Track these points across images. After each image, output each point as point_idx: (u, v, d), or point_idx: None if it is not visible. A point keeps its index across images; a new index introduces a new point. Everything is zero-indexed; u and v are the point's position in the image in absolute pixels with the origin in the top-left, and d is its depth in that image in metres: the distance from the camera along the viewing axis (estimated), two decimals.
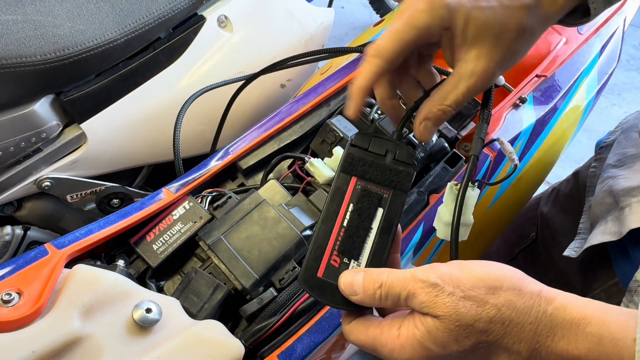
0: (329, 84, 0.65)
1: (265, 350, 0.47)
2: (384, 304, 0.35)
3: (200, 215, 0.54)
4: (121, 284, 0.42)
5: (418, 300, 0.34)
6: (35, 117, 0.68)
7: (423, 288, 0.33)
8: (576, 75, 0.73)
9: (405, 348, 0.34)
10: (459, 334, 0.33)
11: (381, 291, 0.35)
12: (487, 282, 0.33)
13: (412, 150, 0.41)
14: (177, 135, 0.68)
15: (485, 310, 0.32)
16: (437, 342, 0.33)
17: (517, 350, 0.33)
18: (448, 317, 0.32)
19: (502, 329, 0.32)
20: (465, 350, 0.33)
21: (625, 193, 0.57)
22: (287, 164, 0.61)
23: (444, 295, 0.33)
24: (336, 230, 0.39)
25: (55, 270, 0.41)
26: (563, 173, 2.09)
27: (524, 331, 0.32)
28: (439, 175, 0.59)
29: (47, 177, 0.74)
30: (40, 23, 0.66)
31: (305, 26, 0.91)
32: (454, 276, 0.34)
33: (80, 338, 0.38)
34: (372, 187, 0.39)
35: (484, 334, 0.33)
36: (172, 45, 0.78)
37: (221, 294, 0.49)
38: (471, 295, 0.33)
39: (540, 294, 0.33)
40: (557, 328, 0.32)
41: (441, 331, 0.33)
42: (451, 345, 0.33)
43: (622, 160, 0.62)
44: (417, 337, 0.34)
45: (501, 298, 0.33)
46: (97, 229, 0.48)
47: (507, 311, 0.32)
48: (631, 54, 2.43)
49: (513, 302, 0.33)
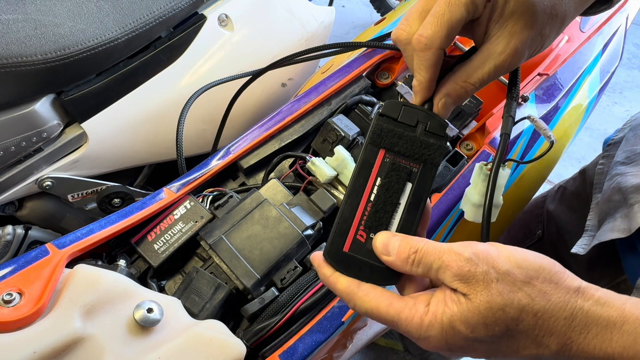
0: (330, 83, 0.65)
1: (267, 350, 0.47)
2: (414, 270, 0.34)
3: (202, 215, 0.54)
4: (122, 283, 0.42)
5: (450, 272, 0.32)
6: (36, 116, 0.68)
7: (457, 261, 0.32)
8: (578, 74, 0.73)
9: (434, 325, 0.33)
10: (488, 318, 0.31)
11: (415, 256, 0.34)
12: (524, 269, 0.32)
13: (444, 121, 0.38)
14: (180, 131, 0.68)
15: (517, 298, 0.31)
16: (467, 323, 0.32)
17: (546, 344, 0.31)
18: (479, 297, 0.31)
19: (533, 320, 0.31)
20: (492, 336, 0.32)
21: (634, 190, 0.57)
22: (288, 163, 0.61)
23: (478, 273, 0.32)
24: (363, 205, 0.37)
25: (56, 270, 0.41)
26: (565, 172, 2.08)
27: (556, 325, 0.31)
28: (440, 174, 0.59)
29: (48, 177, 0.74)
30: (40, 22, 0.66)
31: (306, 25, 0.90)
32: (490, 256, 0.32)
33: (82, 338, 0.38)
34: (401, 160, 0.37)
35: (514, 322, 0.31)
36: (173, 44, 0.78)
37: (222, 293, 0.48)
38: (506, 279, 0.32)
39: (578, 289, 0.32)
40: (592, 325, 0.31)
41: (472, 312, 0.32)
42: (480, 329, 0.32)
43: (631, 157, 0.62)
44: (448, 316, 0.32)
45: (536, 288, 0.32)
46: (98, 228, 0.47)
47: (540, 302, 0.31)
48: (633, 52, 2.42)
49: (548, 294, 0.32)
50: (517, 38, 0.37)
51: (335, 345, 0.58)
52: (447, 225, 0.60)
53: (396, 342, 1.45)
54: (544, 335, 0.31)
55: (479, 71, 0.38)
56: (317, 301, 0.50)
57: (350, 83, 0.65)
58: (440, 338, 0.33)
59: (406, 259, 0.34)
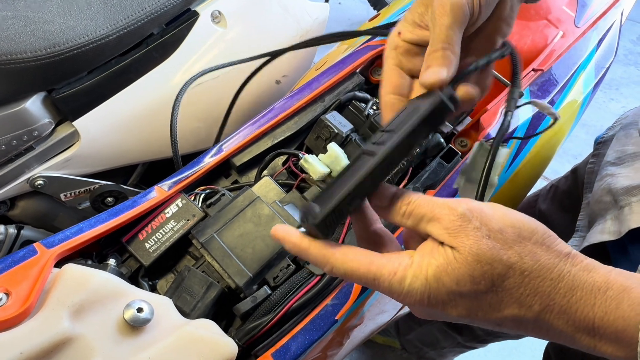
0: (324, 80, 0.64)
1: (260, 348, 0.47)
2: (403, 221, 0.34)
3: (194, 213, 0.53)
4: (112, 283, 0.42)
5: (440, 225, 0.32)
6: (27, 114, 0.67)
7: (449, 215, 0.32)
8: (573, 69, 0.72)
9: (418, 277, 0.32)
10: (475, 271, 0.31)
11: (407, 208, 0.34)
12: (517, 229, 0.32)
13: None
14: (174, 122, 0.67)
15: (507, 254, 0.31)
16: (453, 275, 0.31)
17: (529, 304, 0.31)
18: (468, 250, 0.31)
19: (520, 278, 0.31)
20: (477, 291, 0.32)
21: (625, 192, 0.56)
22: (281, 161, 0.61)
23: (469, 228, 0.31)
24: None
25: (45, 269, 0.40)
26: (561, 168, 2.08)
27: (542, 285, 0.31)
28: (434, 170, 0.59)
29: (40, 176, 0.73)
30: (30, 19, 0.65)
31: (301, 21, 0.90)
32: (484, 213, 0.32)
33: (70, 338, 0.37)
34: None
35: (501, 278, 0.31)
36: (165, 41, 0.78)
37: (214, 292, 0.48)
38: (497, 237, 0.31)
39: (568, 254, 0.32)
40: (577, 289, 0.31)
41: (459, 263, 0.31)
42: (465, 282, 0.31)
43: (622, 157, 0.62)
44: (433, 267, 0.32)
45: (527, 248, 0.32)
46: (88, 227, 0.47)
47: (529, 262, 0.31)
48: (629, 49, 2.42)
49: (538, 255, 0.31)
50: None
51: (330, 344, 0.58)
52: None
53: (393, 339, 1.45)
54: (528, 294, 0.31)
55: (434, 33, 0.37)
56: (310, 299, 0.49)
57: (343, 79, 0.65)
58: (423, 291, 0.32)
59: (397, 209, 0.34)
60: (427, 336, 1.26)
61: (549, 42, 0.73)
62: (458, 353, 1.32)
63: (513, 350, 1.51)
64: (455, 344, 1.21)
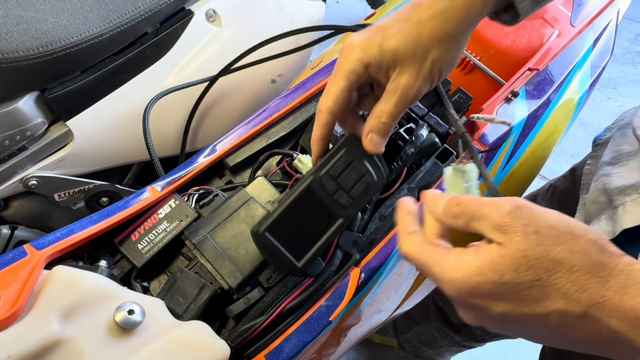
0: (318, 79, 0.64)
1: (253, 350, 0.47)
2: (455, 222, 0.35)
3: (187, 214, 0.53)
4: (103, 285, 0.41)
5: (490, 221, 0.33)
6: (20, 114, 0.67)
7: (498, 213, 0.33)
8: (569, 69, 0.72)
9: (460, 269, 0.33)
10: (521, 265, 0.31)
11: (458, 208, 0.35)
12: (569, 226, 0.32)
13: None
14: (148, 137, 0.68)
15: (556, 250, 0.31)
16: (496, 268, 0.32)
17: (577, 299, 0.31)
18: (515, 245, 0.31)
19: (568, 274, 0.31)
20: (521, 283, 0.31)
21: (619, 192, 0.56)
22: (275, 161, 0.60)
23: (518, 225, 0.32)
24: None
25: (34, 271, 0.40)
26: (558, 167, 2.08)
27: (591, 282, 0.30)
28: (429, 171, 0.59)
29: (34, 176, 0.73)
30: (22, 18, 0.64)
31: (296, 20, 0.89)
32: (534, 211, 0.32)
33: (59, 341, 0.37)
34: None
35: (547, 273, 0.31)
36: (160, 40, 0.77)
37: (207, 294, 0.48)
38: (546, 233, 0.31)
39: (622, 256, 0.31)
40: (631, 287, 0.30)
41: (504, 257, 0.31)
42: (509, 273, 0.31)
43: (617, 157, 0.61)
44: (477, 263, 0.32)
45: (579, 245, 0.31)
46: (79, 228, 0.46)
47: (579, 258, 0.31)
48: (626, 48, 2.42)
49: (590, 253, 0.31)
50: (405, 76, 0.43)
51: (326, 344, 0.58)
52: None
53: (391, 338, 1.45)
54: (576, 290, 0.31)
55: (386, 107, 0.45)
56: (304, 301, 0.49)
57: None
58: (464, 282, 0.33)
59: (449, 211, 0.36)
60: (425, 335, 1.26)
61: (545, 41, 0.73)
62: (456, 352, 1.32)
63: (510, 349, 1.51)
64: (453, 343, 1.21)
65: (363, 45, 0.43)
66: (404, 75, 0.43)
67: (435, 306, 1.16)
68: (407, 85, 0.43)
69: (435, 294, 1.14)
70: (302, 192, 0.46)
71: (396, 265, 0.58)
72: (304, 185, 0.47)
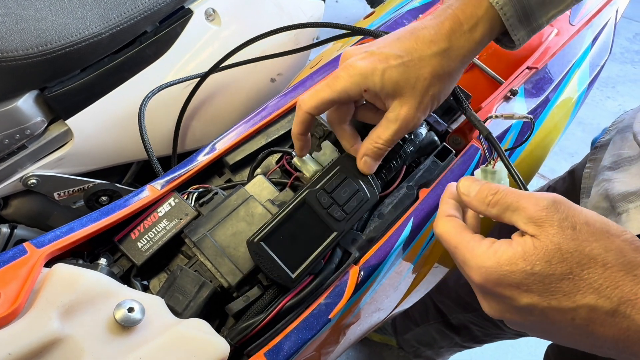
0: (318, 78, 0.64)
1: (252, 348, 0.47)
2: (488, 210, 0.36)
3: (186, 212, 0.53)
4: (102, 283, 0.41)
5: (526, 214, 0.33)
6: (19, 113, 0.67)
7: (535, 206, 0.33)
8: (568, 67, 0.72)
9: (491, 257, 0.33)
10: (553, 257, 0.31)
11: (494, 197, 0.35)
12: (606, 225, 0.32)
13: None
14: (144, 135, 0.68)
15: (590, 246, 0.31)
16: (528, 258, 0.31)
17: (608, 295, 0.30)
18: (550, 238, 0.31)
19: (601, 270, 0.30)
20: (552, 275, 0.31)
21: (622, 198, 0.56)
22: (275, 159, 0.60)
23: (555, 219, 0.32)
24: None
25: (34, 269, 0.40)
26: (557, 166, 2.08)
27: (624, 280, 0.30)
28: (428, 169, 0.59)
29: (33, 175, 0.73)
30: (21, 17, 0.65)
31: (295, 19, 0.89)
32: (572, 207, 0.32)
33: (59, 339, 0.37)
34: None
35: (580, 267, 0.31)
36: (159, 39, 0.77)
37: (207, 292, 0.48)
38: (583, 229, 0.31)
39: None
40: None
41: (537, 249, 0.31)
42: (540, 264, 0.31)
43: (618, 162, 0.61)
44: (509, 253, 0.32)
45: (614, 244, 0.31)
46: (79, 227, 0.46)
47: (614, 256, 0.31)
48: (625, 47, 2.42)
49: (625, 251, 0.31)
50: (406, 107, 0.45)
51: (325, 342, 0.58)
52: None
53: (390, 337, 1.46)
54: (607, 286, 0.30)
55: (384, 134, 0.47)
56: (303, 298, 0.49)
57: None
58: (494, 270, 0.33)
59: (483, 199, 0.36)
60: (424, 336, 1.27)
61: (544, 39, 0.73)
62: (455, 352, 1.32)
63: (509, 348, 1.51)
64: (453, 344, 1.21)
65: (365, 72, 0.44)
66: (404, 107, 0.45)
67: (435, 307, 1.16)
68: (408, 116, 0.45)
69: (434, 295, 1.14)
70: (297, 205, 0.49)
71: (395, 263, 0.58)
72: (299, 198, 0.49)
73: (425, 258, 0.67)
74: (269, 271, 0.47)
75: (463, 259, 0.35)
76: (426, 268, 0.75)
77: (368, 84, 0.44)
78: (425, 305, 1.18)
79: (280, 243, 0.48)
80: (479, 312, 0.99)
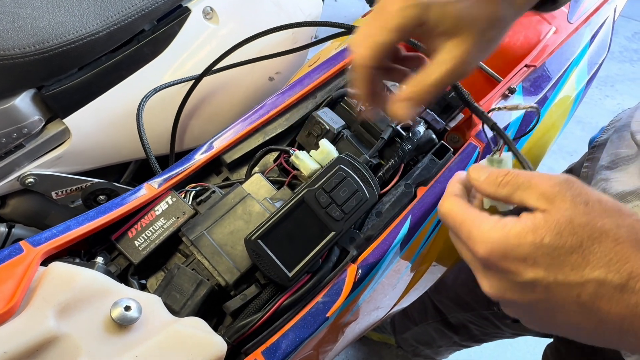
0: (315, 76, 0.64)
1: (250, 346, 0.47)
2: (499, 191, 0.35)
3: (184, 211, 0.53)
4: (99, 281, 0.41)
5: (538, 190, 0.32)
6: (16, 112, 0.67)
7: (548, 182, 0.32)
8: (566, 65, 0.72)
9: (498, 230, 0.32)
10: (564, 229, 0.30)
11: (504, 178, 0.35)
12: (617, 204, 0.31)
13: None
14: (143, 134, 0.68)
15: (602, 222, 0.30)
16: (537, 231, 0.31)
17: (617, 269, 0.30)
18: (562, 212, 0.31)
19: (612, 244, 0.30)
20: (561, 247, 0.30)
21: (619, 198, 0.56)
22: (272, 158, 0.60)
23: (568, 194, 0.31)
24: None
25: (30, 268, 0.40)
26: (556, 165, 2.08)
27: (636, 255, 0.30)
28: (426, 167, 0.59)
29: (31, 174, 0.73)
30: (18, 15, 0.64)
31: (293, 17, 0.89)
32: (585, 187, 0.32)
33: (56, 337, 0.37)
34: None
35: (591, 241, 0.30)
36: (157, 37, 0.77)
37: (204, 290, 0.48)
38: (595, 206, 0.31)
39: None
40: None
41: (548, 222, 0.31)
42: (550, 236, 0.30)
43: (615, 161, 0.61)
44: (518, 227, 0.32)
45: (627, 221, 0.31)
46: (76, 225, 0.46)
47: (626, 232, 0.30)
48: (624, 45, 2.42)
49: (636, 229, 0.30)
50: (462, 47, 0.40)
51: (323, 340, 0.58)
52: (434, 218, 0.60)
53: (389, 336, 1.46)
54: (618, 261, 0.30)
55: (433, 75, 0.41)
56: (301, 297, 0.49)
57: (335, 75, 0.65)
58: (500, 242, 0.32)
59: (494, 180, 0.35)
60: (423, 335, 1.27)
61: (542, 37, 0.73)
62: (454, 351, 1.32)
63: (508, 347, 1.51)
64: (452, 343, 1.21)
65: (422, 2, 0.38)
66: (462, 46, 0.40)
67: (434, 307, 1.16)
68: (466, 57, 0.40)
69: (433, 294, 1.14)
70: (296, 203, 0.48)
71: (393, 262, 0.58)
72: (298, 197, 0.49)
73: (423, 256, 0.67)
74: (266, 269, 0.47)
75: (468, 233, 0.34)
76: (424, 266, 0.75)
77: (426, 17, 0.39)
78: (424, 305, 1.18)
79: (278, 241, 0.48)
80: (478, 312, 0.99)
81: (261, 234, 0.47)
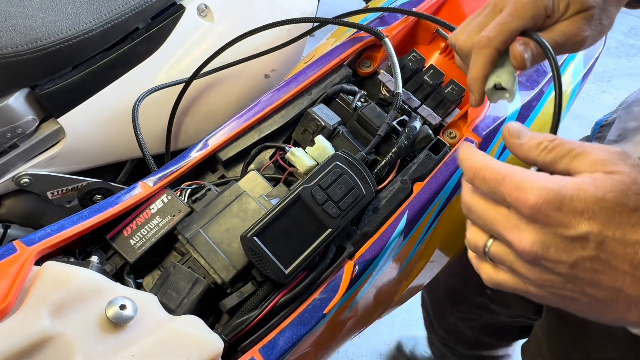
0: (311, 72, 0.64)
1: (247, 344, 0.46)
2: (541, 156, 0.32)
3: (179, 209, 0.52)
4: (94, 280, 0.41)
5: (593, 157, 0.31)
6: (10, 111, 0.66)
7: (604, 150, 0.31)
8: (562, 59, 0.72)
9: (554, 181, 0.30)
10: (630, 188, 0.29)
11: (550, 143, 0.32)
12: None
13: None
14: (139, 133, 0.68)
15: None
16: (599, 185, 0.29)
17: None
18: (627, 173, 0.29)
19: None
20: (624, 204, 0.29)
21: None
22: (268, 155, 0.60)
23: (628, 162, 0.30)
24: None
25: (24, 267, 0.39)
26: None
27: None
28: (423, 163, 0.58)
29: (26, 174, 0.72)
30: (11, 14, 0.64)
31: (288, 15, 0.89)
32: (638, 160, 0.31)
33: (50, 337, 0.37)
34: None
35: None
36: (151, 35, 0.76)
37: (200, 288, 0.47)
38: None
39: None
40: None
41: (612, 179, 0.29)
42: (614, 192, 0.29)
43: (623, 134, 0.61)
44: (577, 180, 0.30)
45: None
46: (70, 224, 0.46)
47: None
48: (620, 41, 2.42)
49: None
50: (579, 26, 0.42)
51: (321, 338, 0.58)
52: (431, 214, 0.60)
53: None
54: None
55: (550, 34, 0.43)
56: (298, 294, 0.49)
57: (331, 72, 0.64)
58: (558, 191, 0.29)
59: (538, 144, 0.33)
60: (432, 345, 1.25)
61: None
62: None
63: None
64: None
65: None
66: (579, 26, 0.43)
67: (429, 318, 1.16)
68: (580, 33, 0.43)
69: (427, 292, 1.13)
70: (292, 200, 0.48)
71: (390, 257, 0.58)
72: (294, 194, 0.48)
73: (420, 252, 0.66)
74: (262, 267, 0.47)
75: (518, 183, 0.31)
76: (422, 262, 0.74)
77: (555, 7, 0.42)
78: (427, 314, 1.18)
79: (274, 239, 0.47)
80: (471, 300, 0.96)
81: (257, 231, 0.47)
